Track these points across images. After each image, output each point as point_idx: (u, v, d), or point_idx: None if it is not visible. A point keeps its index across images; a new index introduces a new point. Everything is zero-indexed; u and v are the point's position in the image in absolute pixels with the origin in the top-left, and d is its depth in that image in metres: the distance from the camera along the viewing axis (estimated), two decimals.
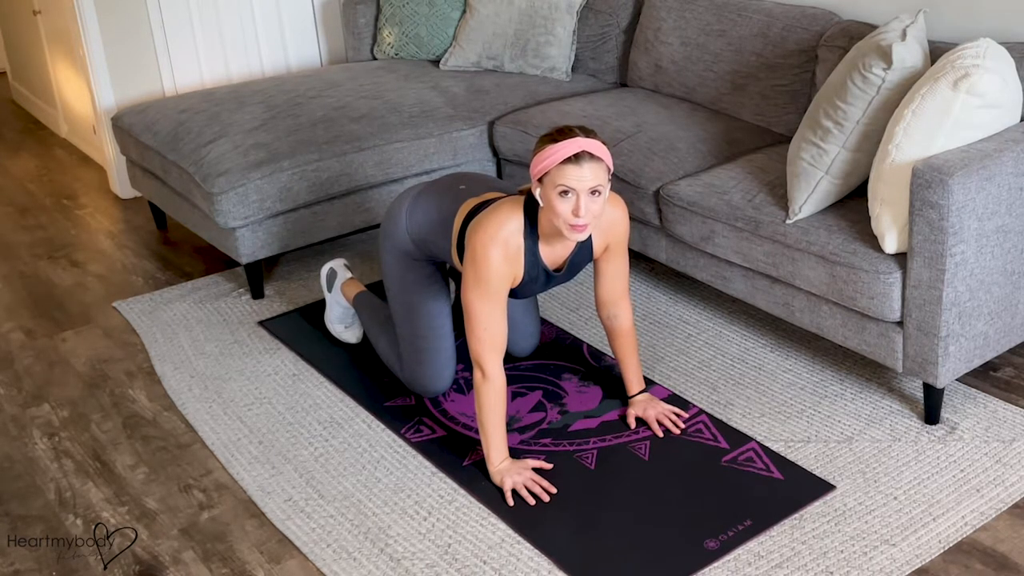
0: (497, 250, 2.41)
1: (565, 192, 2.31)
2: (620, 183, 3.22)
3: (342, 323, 3.21)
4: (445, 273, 2.87)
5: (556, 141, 2.33)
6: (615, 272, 2.64)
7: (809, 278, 2.72)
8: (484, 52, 4.16)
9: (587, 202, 2.31)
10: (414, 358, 2.81)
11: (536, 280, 2.55)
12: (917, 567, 2.19)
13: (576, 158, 2.30)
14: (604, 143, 2.38)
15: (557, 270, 2.57)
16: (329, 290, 3.22)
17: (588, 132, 2.36)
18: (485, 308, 2.42)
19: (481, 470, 2.54)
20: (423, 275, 2.77)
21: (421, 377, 2.82)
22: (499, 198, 2.56)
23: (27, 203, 4.62)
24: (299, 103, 3.79)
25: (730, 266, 2.99)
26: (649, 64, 3.84)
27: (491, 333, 2.43)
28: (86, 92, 4.68)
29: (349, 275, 3.22)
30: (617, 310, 2.69)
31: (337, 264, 3.25)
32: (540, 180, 2.36)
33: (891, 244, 2.54)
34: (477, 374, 2.45)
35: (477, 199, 2.59)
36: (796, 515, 2.35)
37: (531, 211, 2.45)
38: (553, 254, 2.53)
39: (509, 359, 3.02)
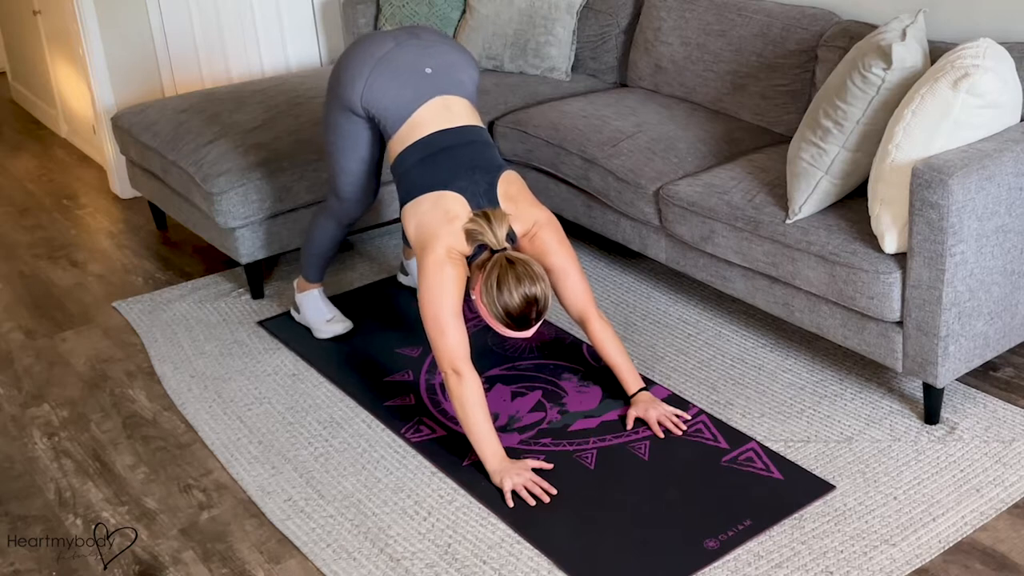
0: (450, 268, 2.50)
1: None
2: (620, 183, 3.23)
3: (323, 318, 3.23)
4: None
5: (509, 326, 2.48)
6: (572, 291, 2.69)
7: (809, 278, 2.72)
8: (484, 52, 4.16)
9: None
10: (342, 181, 2.94)
11: None
12: (917, 567, 2.19)
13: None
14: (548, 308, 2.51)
15: None
16: (297, 311, 3.31)
17: (541, 313, 2.48)
18: (449, 321, 2.48)
19: (481, 470, 2.54)
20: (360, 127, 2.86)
21: (351, 200, 2.98)
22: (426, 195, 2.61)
23: (27, 203, 4.62)
24: (299, 103, 3.79)
25: (730, 266, 2.99)
26: (649, 64, 3.84)
27: (458, 343, 2.49)
28: (86, 92, 4.68)
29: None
30: (584, 319, 2.73)
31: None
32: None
33: (891, 244, 2.54)
34: (452, 380, 2.49)
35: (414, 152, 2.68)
36: (796, 515, 2.35)
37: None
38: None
39: (507, 359, 3.03)
